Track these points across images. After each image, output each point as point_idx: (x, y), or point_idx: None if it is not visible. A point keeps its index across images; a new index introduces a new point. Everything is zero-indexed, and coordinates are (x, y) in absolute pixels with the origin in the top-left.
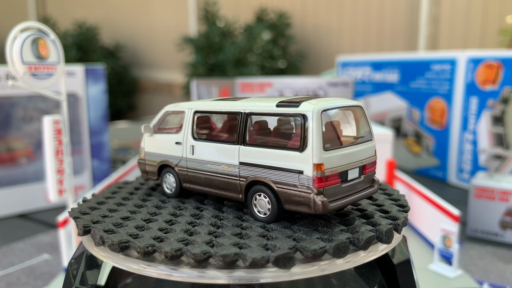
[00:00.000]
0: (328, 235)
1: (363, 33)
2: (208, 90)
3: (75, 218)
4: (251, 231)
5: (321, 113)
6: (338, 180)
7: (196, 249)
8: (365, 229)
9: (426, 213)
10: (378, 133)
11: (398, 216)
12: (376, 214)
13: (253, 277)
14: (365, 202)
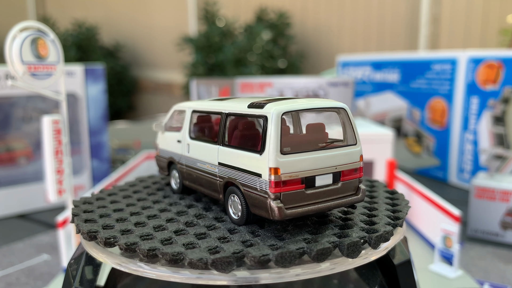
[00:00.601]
0: (284, 242)
1: (364, 32)
2: (208, 90)
3: (78, 223)
4: (216, 232)
5: (282, 115)
6: (301, 186)
7: (145, 245)
8: (326, 240)
9: (427, 213)
10: (379, 133)
11: (379, 229)
12: (358, 225)
13: (253, 278)
14: (360, 209)
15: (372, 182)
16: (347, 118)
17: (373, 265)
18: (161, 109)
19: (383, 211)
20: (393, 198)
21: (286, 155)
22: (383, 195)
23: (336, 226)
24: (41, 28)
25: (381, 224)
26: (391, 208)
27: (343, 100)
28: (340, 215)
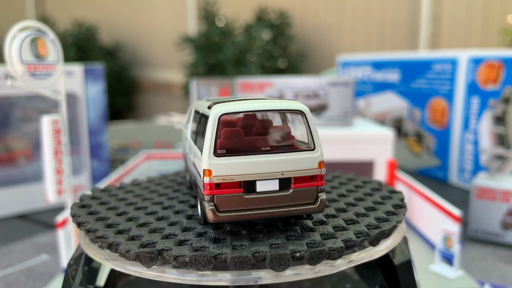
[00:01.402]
0: (225, 245)
1: (364, 32)
2: (208, 90)
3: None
4: (174, 229)
5: (219, 117)
6: (239, 189)
7: (110, 239)
8: (292, 248)
9: (427, 214)
10: (379, 133)
11: (351, 238)
12: (325, 231)
13: (252, 279)
14: (352, 212)
15: (371, 182)
16: (306, 122)
17: (373, 265)
18: (160, 109)
19: (365, 221)
20: (390, 211)
21: (220, 157)
22: (381, 196)
23: (302, 232)
24: (41, 28)
25: (349, 233)
26: (375, 222)
27: (343, 100)
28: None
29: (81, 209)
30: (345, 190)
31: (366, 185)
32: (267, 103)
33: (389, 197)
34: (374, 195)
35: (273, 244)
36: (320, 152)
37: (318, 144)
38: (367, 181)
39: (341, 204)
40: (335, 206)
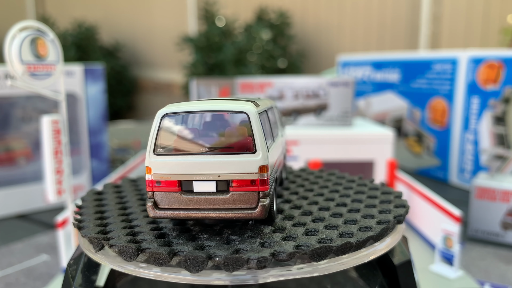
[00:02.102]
0: (186, 244)
1: (364, 32)
2: (208, 90)
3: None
4: (141, 228)
5: (161, 117)
6: (177, 188)
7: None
8: (232, 249)
9: (427, 214)
10: (379, 133)
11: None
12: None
13: (251, 278)
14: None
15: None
16: (249, 124)
17: (373, 265)
18: (160, 109)
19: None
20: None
21: (159, 156)
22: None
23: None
24: (41, 28)
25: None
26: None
27: (343, 100)
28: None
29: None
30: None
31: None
32: (213, 104)
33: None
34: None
35: (207, 246)
36: (262, 156)
37: (260, 148)
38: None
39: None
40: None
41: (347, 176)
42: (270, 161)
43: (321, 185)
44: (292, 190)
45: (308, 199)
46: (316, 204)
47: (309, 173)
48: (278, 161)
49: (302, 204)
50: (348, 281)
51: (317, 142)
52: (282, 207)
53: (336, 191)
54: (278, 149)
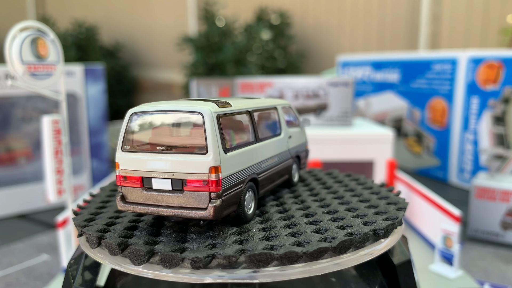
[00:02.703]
0: (154, 240)
1: (364, 32)
2: (208, 90)
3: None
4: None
5: (130, 115)
6: (139, 184)
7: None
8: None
9: (427, 214)
10: (379, 133)
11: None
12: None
13: (251, 276)
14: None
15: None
16: (203, 124)
17: (373, 265)
18: None
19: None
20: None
21: (125, 152)
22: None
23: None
24: (41, 28)
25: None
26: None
27: (343, 100)
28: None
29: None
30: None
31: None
32: (174, 104)
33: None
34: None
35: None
36: (213, 157)
37: (212, 149)
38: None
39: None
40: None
41: (339, 176)
42: (238, 161)
43: (310, 187)
44: (289, 191)
45: (298, 203)
46: (303, 210)
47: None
48: (270, 162)
49: (291, 207)
50: (348, 281)
51: (317, 142)
52: (269, 209)
53: (332, 192)
54: (269, 149)
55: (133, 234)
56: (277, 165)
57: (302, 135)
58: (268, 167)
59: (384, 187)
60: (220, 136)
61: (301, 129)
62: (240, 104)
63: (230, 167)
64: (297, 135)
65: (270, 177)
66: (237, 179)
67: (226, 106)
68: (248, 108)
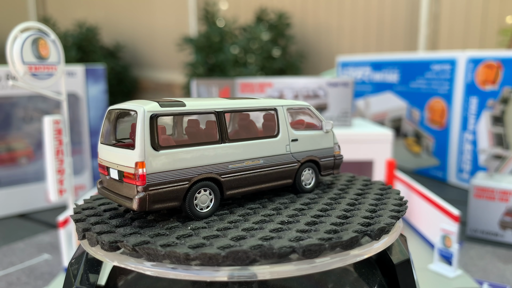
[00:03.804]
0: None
1: (363, 33)
2: (208, 90)
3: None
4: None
5: (107, 112)
6: (105, 172)
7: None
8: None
9: (426, 213)
10: (378, 133)
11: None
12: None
13: (252, 274)
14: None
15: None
16: (136, 122)
17: (372, 264)
18: None
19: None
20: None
21: (101, 144)
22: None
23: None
24: (42, 29)
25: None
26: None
27: (343, 100)
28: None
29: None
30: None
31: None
32: (130, 103)
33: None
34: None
35: (158, 235)
36: (139, 153)
37: (139, 145)
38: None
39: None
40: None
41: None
42: (178, 160)
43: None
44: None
45: (276, 205)
46: (276, 210)
47: None
48: (249, 163)
49: (264, 206)
50: (347, 280)
51: None
52: (235, 210)
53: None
54: (249, 150)
55: (137, 232)
56: (265, 168)
57: (324, 139)
58: (243, 168)
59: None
60: (150, 133)
61: (323, 133)
62: (202, 105)
63: (163, 164)
64: (312, 138)
65: (249, 179)
66: (177, 176)
67: (174, 106)
68: (215, 108)
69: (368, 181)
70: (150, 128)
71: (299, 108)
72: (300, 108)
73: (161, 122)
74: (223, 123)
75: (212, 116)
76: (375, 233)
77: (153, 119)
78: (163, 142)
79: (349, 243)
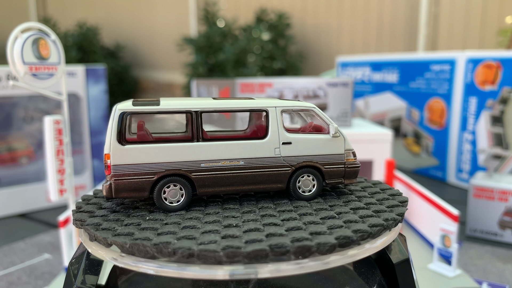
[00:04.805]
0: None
1: (363, 33)
2: (208, 91)
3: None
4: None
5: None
6: None
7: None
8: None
9: (426, 213)
10: (377, 133)
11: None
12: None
13: (252, 272)
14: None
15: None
16: None
17: (372, 264)
18: None
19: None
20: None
21: None
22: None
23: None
24: (42, 29)
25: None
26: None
27: (342, 101)
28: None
29: None
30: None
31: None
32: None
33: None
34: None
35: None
36: (107, 146)
37: (108, 140)
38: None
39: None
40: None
41: None
42: (144, 154)
43: None
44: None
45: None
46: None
47: None
48: (226, 164)
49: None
50: (346, 280)
51: None
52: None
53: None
54: (227, 150)
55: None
56: (247, 170)
57: (330, 144)
58: (219, 168)
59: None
60: (117, 129)
61: (330, 138)
62: (175, 105)
63: (129, 158)
64: (311, 142)
65: (226, 179)
66: (142, 169)
67: (147, 105)
68: (189, 108)
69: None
70: (118, 125)
71: (301, 109)
72: (302, 110)
73: (148, 119)
74: (198, 122)
75: (187, 116)
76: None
77: (122, 116)
78: (130, 137)
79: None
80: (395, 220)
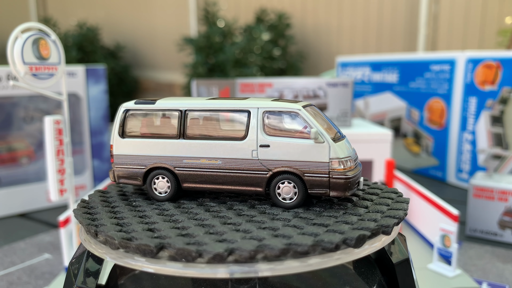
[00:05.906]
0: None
1: (363, 33)
2: (208, 91)
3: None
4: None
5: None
6: None
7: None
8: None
9: (425, 213)
10: (377, 133)
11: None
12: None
13: (252, 270)
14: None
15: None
16: None
17: (372, 264)
18: None
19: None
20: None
21: None
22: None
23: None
24: (43, 29)
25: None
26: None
27: (342, 101)
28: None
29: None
30: None
31: None
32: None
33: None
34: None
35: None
36: (111, 138)
37: (112, 133)
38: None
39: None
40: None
41: None
42: (138, 147)
43: None
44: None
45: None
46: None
47: None
48: (205, 162)
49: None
50: (346, 280)
51: None
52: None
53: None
54: (206, 149)
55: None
56: (224, 170)
57: (314, 150)
58: (198, 165)
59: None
60: (119, 124)
61: (313, 143)
62: (167, 104)
63: (126, 149)
64: (291, 147)
65: (205, 176)
66: (136, 160)
67: (146, 104)
68: (179, 107)
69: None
70: (121, 120)
71: (285, 111)
72: (287, 112)
73: (150, 117)
74: (184, 120)
75: (176, 114)
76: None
77: (125, 113)
78: (130, 131)
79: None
80: (399, 218)
